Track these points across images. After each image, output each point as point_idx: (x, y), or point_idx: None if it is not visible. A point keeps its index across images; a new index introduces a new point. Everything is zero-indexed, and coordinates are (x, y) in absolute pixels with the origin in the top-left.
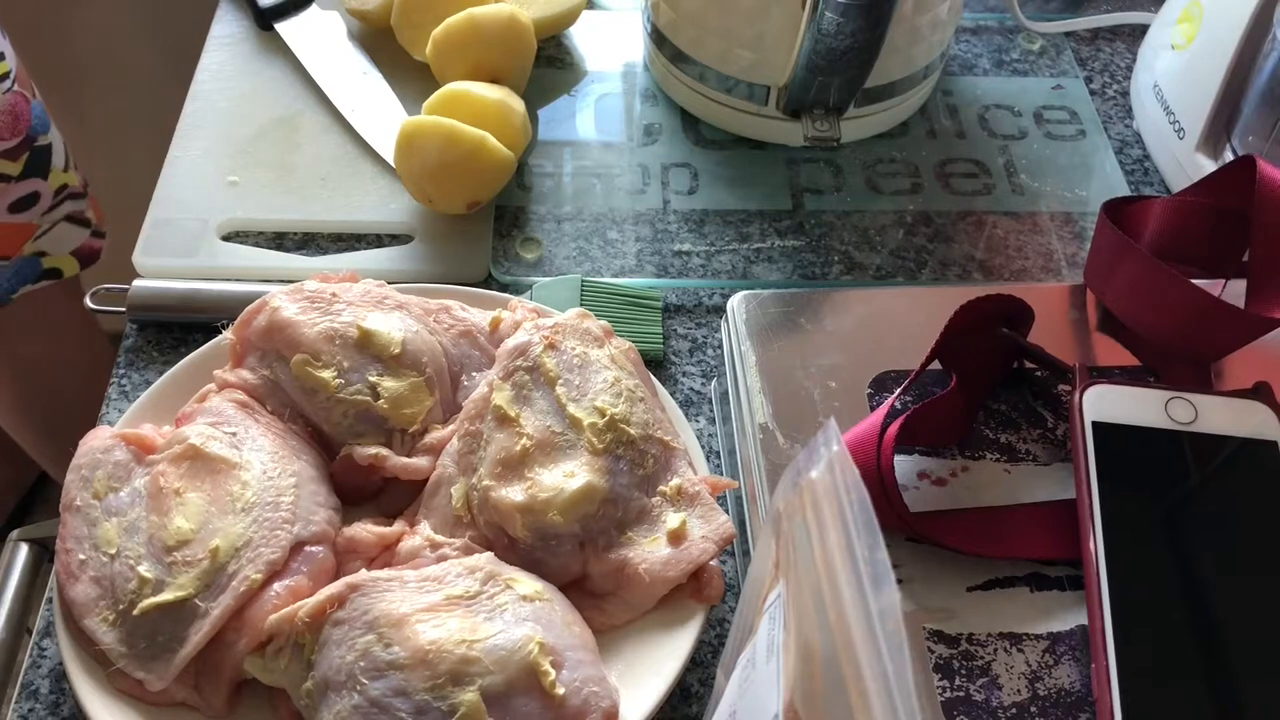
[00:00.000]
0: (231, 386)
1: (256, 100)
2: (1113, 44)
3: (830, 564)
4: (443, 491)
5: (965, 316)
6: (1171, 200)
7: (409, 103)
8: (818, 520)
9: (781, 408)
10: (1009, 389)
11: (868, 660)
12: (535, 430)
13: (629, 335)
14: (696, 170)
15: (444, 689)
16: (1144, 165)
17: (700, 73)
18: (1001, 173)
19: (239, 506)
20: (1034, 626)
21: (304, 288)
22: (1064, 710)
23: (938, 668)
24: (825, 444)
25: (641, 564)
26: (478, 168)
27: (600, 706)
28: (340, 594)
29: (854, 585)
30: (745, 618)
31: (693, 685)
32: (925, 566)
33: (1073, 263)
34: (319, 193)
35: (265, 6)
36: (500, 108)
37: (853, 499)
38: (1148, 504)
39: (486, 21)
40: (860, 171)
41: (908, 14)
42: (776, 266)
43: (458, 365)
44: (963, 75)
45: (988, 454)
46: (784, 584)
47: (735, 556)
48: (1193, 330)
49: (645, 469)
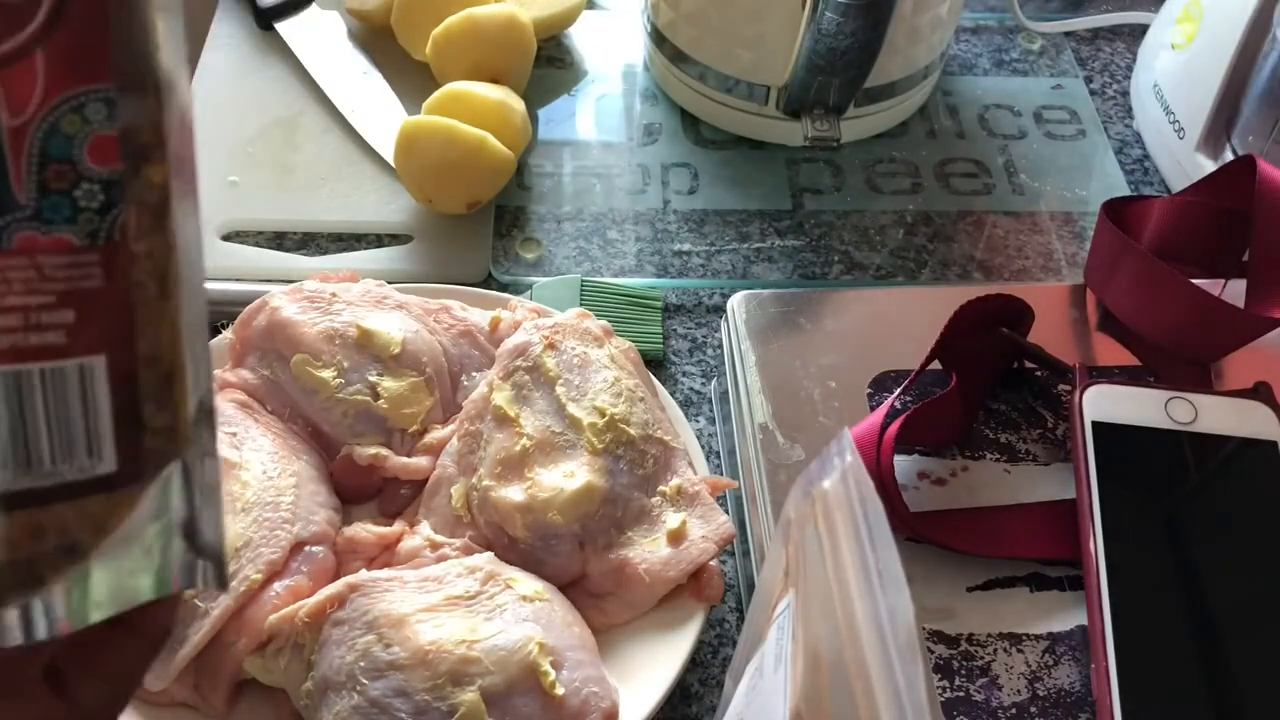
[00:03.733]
0: (231, 386)
1: (256, 100)
2: (1113, 44)
3: (842, 575)
4: (443, 491)
5: (965, 316)
6: (1171, 200)
7: (409, 103)
8: (829, 530)
9: (781, 408)
10: (1009, 389)
11: (878, 673)
12: (535, 430)
13: (629, 335)
14: (696, 170)
15: (444, 689)
16: (1144, 165)
17: (700, 73)
18: (1001, 172)
19: (239, 506)
20: (1034, 627)
21: (304, 288)
22: (1064, 710)
23: (938, 668)
24: (839, 454)
25: (641, 564)
26: (478, 168)
27: (600, 706)
28: (340, 594)
29: (867, 597)
30: (754, 625)
31: (693, 685)
32: (925, 566)
33: (1073, 263)
34: (319, 193)
35: (265, 6)
36: (500, 108)
37: (868, 510)
38: (1148, 504)
39: (486, 21)
40: (860, 171)
41: (908, 14)
42: (776, 266)
43: (458, 365)
44: (963, 75)
45: (988, 454)
46: (793, 593)
47: (735, 556)
48: (1193, 330)
49: (645, 469)
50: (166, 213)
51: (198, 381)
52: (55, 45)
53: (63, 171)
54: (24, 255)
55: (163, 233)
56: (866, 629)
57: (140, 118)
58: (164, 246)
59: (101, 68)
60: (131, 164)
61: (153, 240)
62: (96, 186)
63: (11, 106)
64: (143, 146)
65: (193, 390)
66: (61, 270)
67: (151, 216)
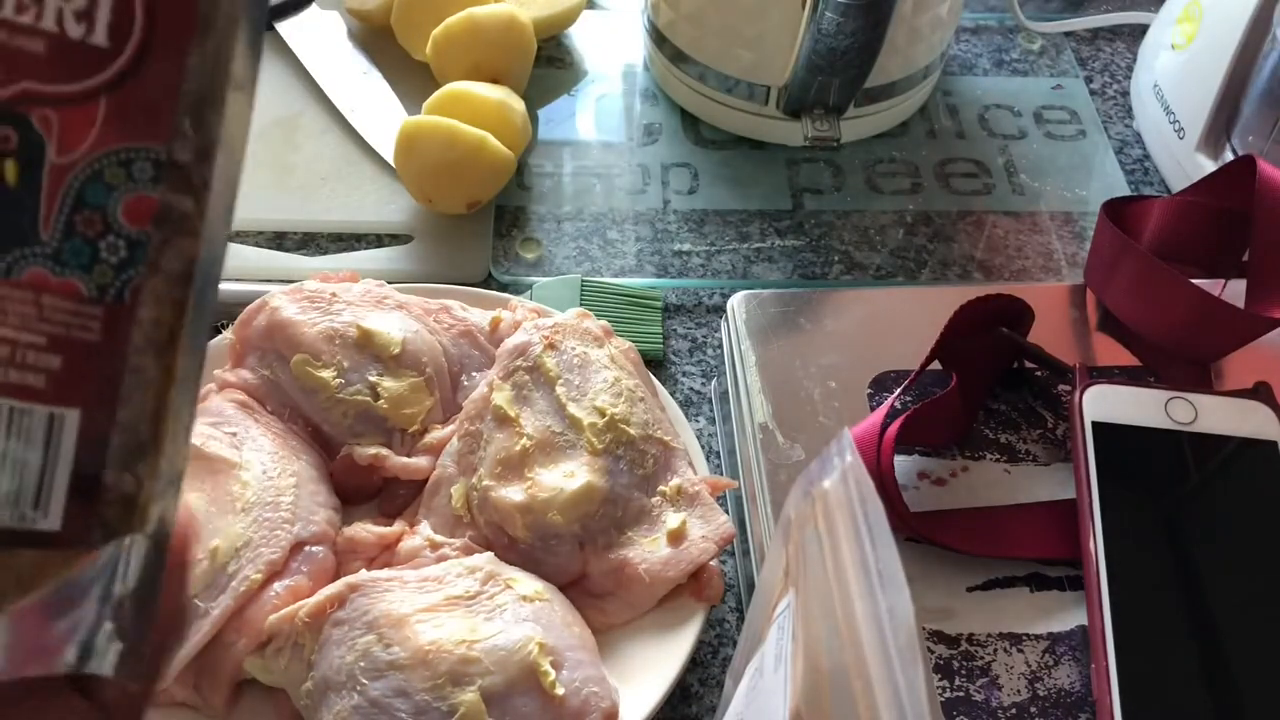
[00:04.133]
0: (231, 386)
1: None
2: (1113, 44)
3: (842, 575)
4: (443, 491)
5: (965, 316)
6: (1171, 200)
7: (409, 103)
8: (829, 531)
9: (781, 408)
10: (1009, 389)
11: (878, 673)
12: (535, 430)
13: (629, 335)
14: (696, 170)
15: (444, 689)
16: (1144, 165)
17: (700, 73)
18: (1001, 173)
19: (239, 506)
20: (1034, 626)
21: (304, 288)
22: (1064, 710)
23: (938, 668)
24: (839, 454)
25: (641, 564)
26: (478, 168)
27: (600, 706)
28: (340, 594)
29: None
30: (754, 625)
31: (693, 685)
32: (925, 566)
33: (1073, 263)
34: (319, 193)
35: None
36: (500, 108)
37: (868, 510)
38: (1148, 504)
39: (486, 21)
40: (860, 171)
41: (908, 14)
42: (776, 266)
43: (458, 365)
44: (963, 75)
45: (988, 454)
46: (793, 593)
47: (735, 556)
48: (1193, 330)
49: (645, 469)
50: (187, 285)
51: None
52: (122, 97)
53: (92, 219)
54: (30, 290)
55: (176, 304)
56: (866, 629)
57: (185, 187)
58: (174, 318)
59: (161, 130)
60: (163, 230)
61: (163, 310)
62: (122, 243)
63: (62, 145)
64: (181, 216)
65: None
66: (62, 315)
67: (168, 286)
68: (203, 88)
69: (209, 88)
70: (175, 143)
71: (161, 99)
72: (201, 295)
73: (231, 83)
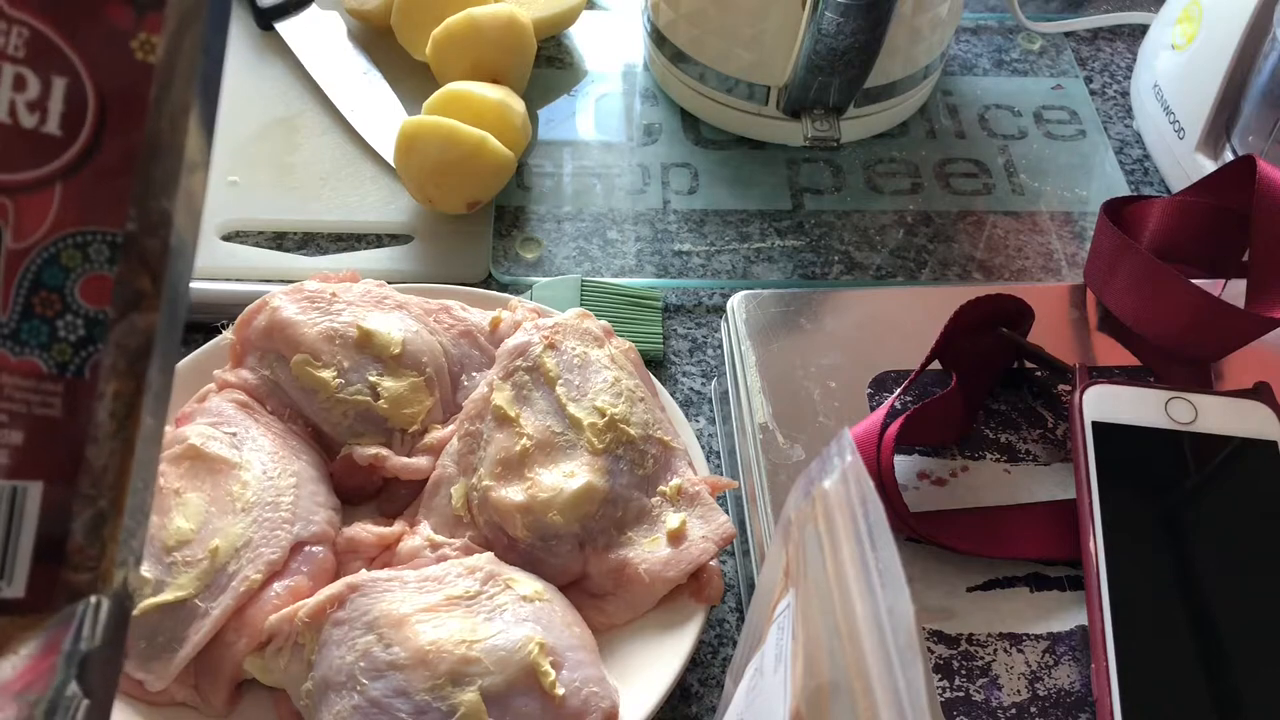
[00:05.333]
0: (231, 386)
1: (256, 100)
2: (1113, 44)
3: (842, 575)
4: (443, 491)
5: (965, 316)
6: (1171, 200)
7: (409, 103)
8: (829, 530)
9: (781, 408)
10: (1009, 389)
11: (878, 673)
12: (535, 430)
13: (629, 335)
14: (696, 170)
15: (444, 689)
16: (1144, 165)
17: (700, 73)
18: (1001, 173)
19: (239, 506)
20: (1034, 627)
21: (304, 288)
22: (1064, 710)
23: (938, 668)
24: (839, 454)
25: (641, 564)
26: (478, 168)
27: (600, 707)
28: (340, 594)
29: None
30: (755, 625)
31: (693, 685)
32: (925, 566)
33: (1073, 263)
34: (319, 193)
35: (265, 6)
36: (500, 108)
37: (868, 510)
38: (1148, 504)
39: (486, 21)
40: (860, 171)
41: (908, 14)
42: (776, 266)
43: (458, 365)
44: (963, 75)
45: (988, 454)
46: (793, 593)
47: (735, 556)
48: (1193, 330)
49: (645, 469)
50: (145, 358)
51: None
52: (77, 183)
53: (50, 300)
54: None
55: (135, 376)
56: (866, 629)
57: (142, 266)
58: (133, 390)
59: (116, 213)
60: (121, 307)
61: (123, 382)
62: (80, 321)
63: (18, 231)
64: (137, 293)
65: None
66: (22, 393)
67: (128, 360)
68: (156, 170)
69: (163, 170)
70: (131, 224)
71: (116, 183)
72: (164, 361)
73: (185, 164)
